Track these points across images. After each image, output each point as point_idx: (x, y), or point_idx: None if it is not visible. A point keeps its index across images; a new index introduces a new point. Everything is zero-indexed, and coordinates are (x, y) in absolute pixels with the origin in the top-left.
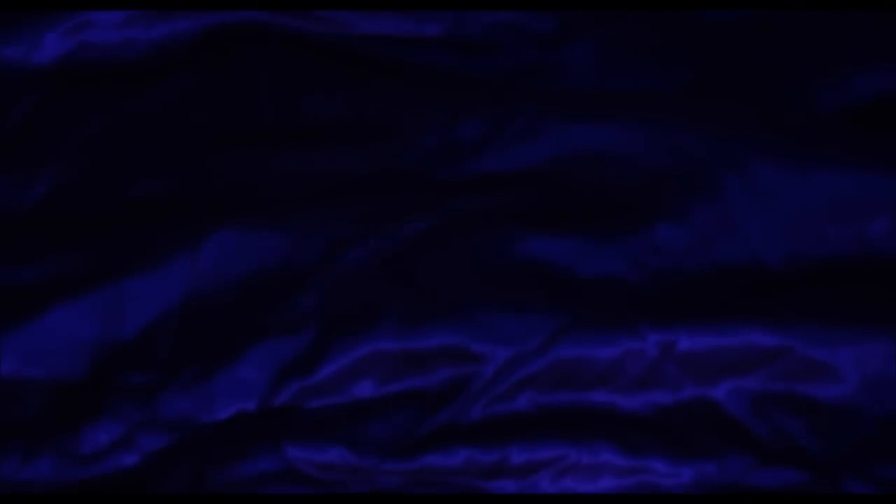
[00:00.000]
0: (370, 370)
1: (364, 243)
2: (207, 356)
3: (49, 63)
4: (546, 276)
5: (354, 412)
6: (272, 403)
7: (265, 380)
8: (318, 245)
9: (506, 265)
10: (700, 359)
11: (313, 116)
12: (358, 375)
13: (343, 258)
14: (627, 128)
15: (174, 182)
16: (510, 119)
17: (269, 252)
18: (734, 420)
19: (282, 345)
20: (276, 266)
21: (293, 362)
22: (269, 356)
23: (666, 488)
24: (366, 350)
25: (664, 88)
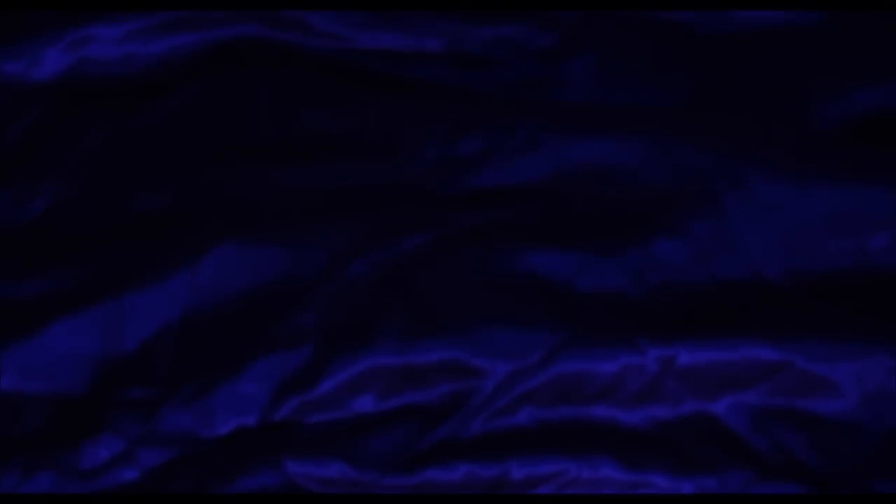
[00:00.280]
0: (370, 385)
1: (364, 258)
2: (207, 371)
3: (49, 78)
4: (546, 291)
5: (354, 427)
6: (272, 418)
7: (265, 394)
8: (318, 260)
9: (506, 280)
10: (700, 373)
11: (313, 131)
12: (358, 390)
13: (343, 273)
14: (627, 142)
15: (174, 197)
16: (510, 133)
17: (269, 267)
18: (734, 435)
19: (282, 359)
20: (276, 281)
21: (293, 377)
22: (270, 371)
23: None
24: (366, 365)
25: (664, 103)
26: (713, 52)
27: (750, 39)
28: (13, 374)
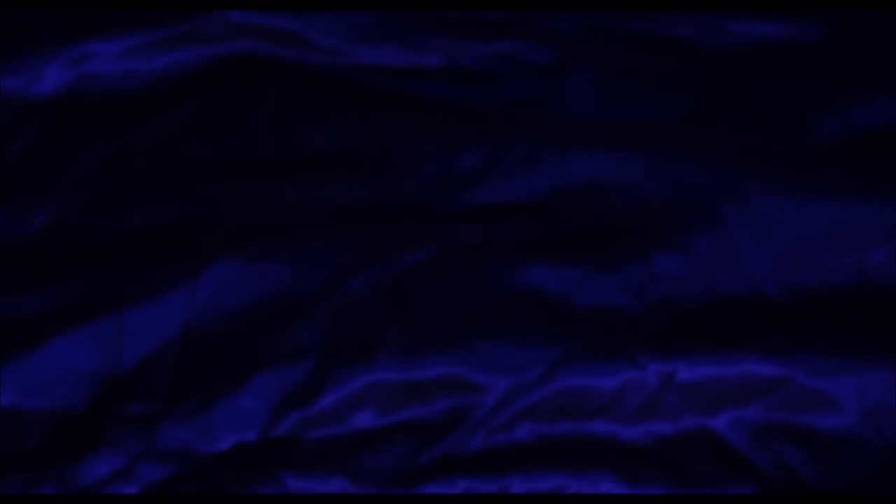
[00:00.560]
0: (370, 400)
1: (363, 273)
2: (207, 387)
3: (49, 94)
4: (545, 306)
5: (354, 442)
6: (272, 434)
7: (265, 410)
8: (318, 275)
9: (505, 295)
10: (700, 389)
11: (313, 147)
12: (358, 405)
13: (342, 288)
14: (627, 158)
15: (174, 213)
16: (509, 149)
17: (269, 282)
18: (734, 450)
19: (281, 375)
20: (276, 296)
21: (293, 392)
22: (269, 386)
23: None
24: (365, 380)
25: (663, 118)
26: (713, 67)
27: (749, 54)
28: (13, 390)
